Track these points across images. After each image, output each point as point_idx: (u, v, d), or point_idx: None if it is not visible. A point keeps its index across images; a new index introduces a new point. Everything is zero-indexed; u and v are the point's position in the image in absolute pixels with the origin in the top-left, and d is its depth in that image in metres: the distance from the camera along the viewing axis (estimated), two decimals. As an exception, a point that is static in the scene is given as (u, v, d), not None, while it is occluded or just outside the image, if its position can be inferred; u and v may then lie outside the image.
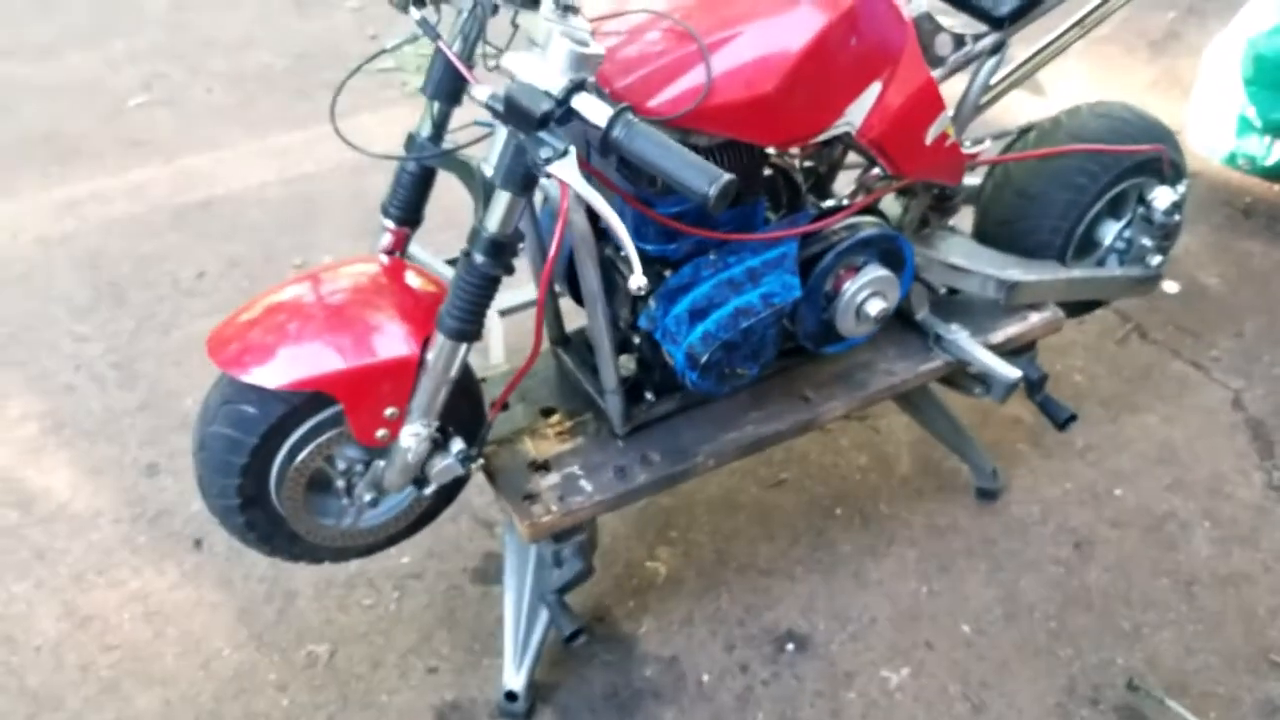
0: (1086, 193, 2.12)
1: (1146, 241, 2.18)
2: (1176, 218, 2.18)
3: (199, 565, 2.36)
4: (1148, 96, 3.89)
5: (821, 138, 1.60)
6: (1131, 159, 2.06)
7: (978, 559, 2.34)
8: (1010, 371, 1.91)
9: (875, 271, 1.78)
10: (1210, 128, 3.49)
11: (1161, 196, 2.13)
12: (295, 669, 2.15)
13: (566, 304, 2.01)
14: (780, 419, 1.88)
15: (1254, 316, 2.94)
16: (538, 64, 1.26)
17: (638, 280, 1.23)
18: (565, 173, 1.22)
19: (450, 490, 1.77)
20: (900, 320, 2.04)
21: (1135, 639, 2.17)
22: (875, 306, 1.79)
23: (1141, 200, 2.16)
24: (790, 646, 2.16)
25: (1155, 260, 2.21)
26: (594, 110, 1.22)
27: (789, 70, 1.47)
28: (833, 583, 2.30)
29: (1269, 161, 3.35)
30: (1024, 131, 2.28)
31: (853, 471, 2.55)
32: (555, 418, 1.88)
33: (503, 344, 2.01)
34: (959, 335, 1.96)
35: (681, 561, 2.35)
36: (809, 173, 1.89)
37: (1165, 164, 2.10)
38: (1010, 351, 2.09)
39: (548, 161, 1.22)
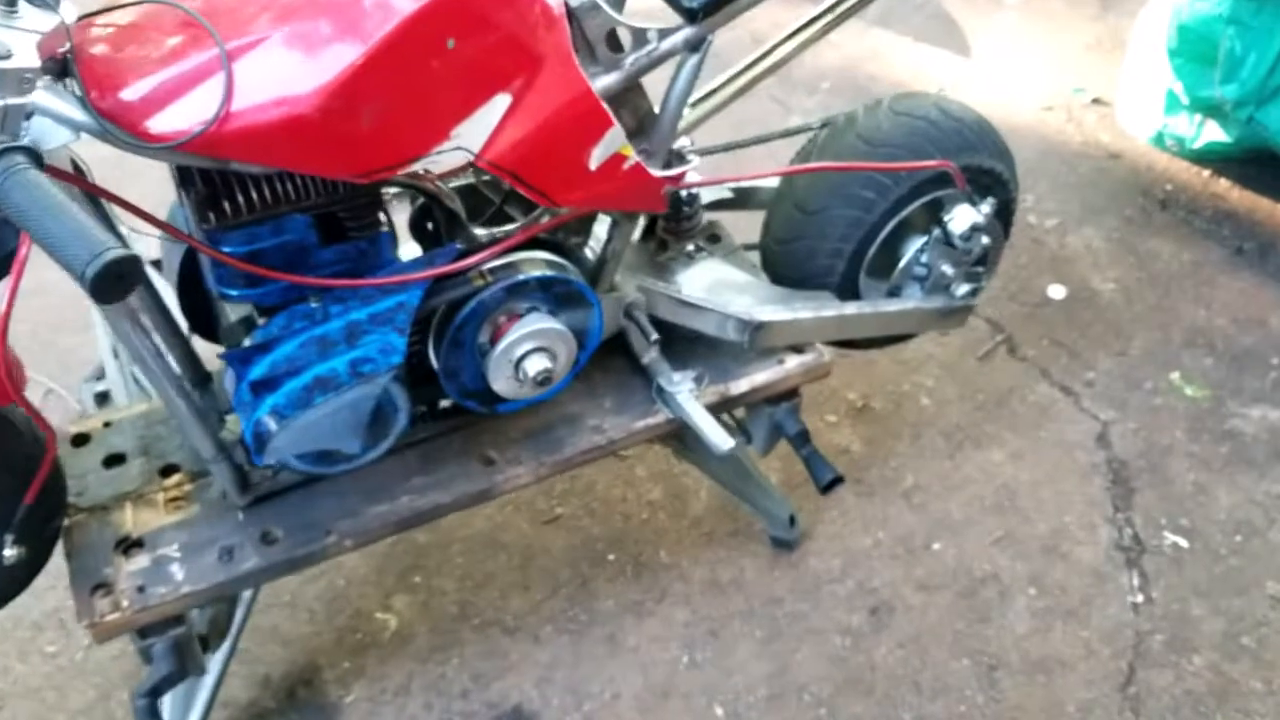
0: (874, 209, 1.75)
1: (947, 269, 1.81)
2: (984, 240, 1.80)
3: None
4: (1083, 59, 3.44)
5: (421, 165, 1.25)
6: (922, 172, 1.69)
7: (755, 623, 2.02)
8: (721, 442, 1.56)
9: (536, 323, 1.44)
10: (1138, 103, 3.06)
11: (960, 216, 1.76)
12: (-62, 734, 1.89)
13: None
14: (448, 488, 1.56)
15: (1145, 332, 2.55)
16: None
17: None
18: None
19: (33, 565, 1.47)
20: (630, 361, 1.69)
21: (909, 738, 1.85)
22: (537, 365, 1.45)
23: (938, 219, 1.78)
24: (512, 727, 1.87)
25: (962, 290, 1.84)
26: None
27: (337, 85, 1.13)
28: (582, 647, 1.99)
29: (1197, 144, 2.92)
30: (823, 126, 1.91)
31: (640, 508, 2.22)
32: (176, 478, 1.57)
33: (124, 380, 1.69)
34: (681, 386, 1.62)
35: (418, 613, 2.05)
36: (473, 196, 1.53)
37: (957, 181, 1.72)
38: (768, 399, 1.74)
39: None
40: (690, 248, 1.73)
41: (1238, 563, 2.10)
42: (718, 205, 1.97)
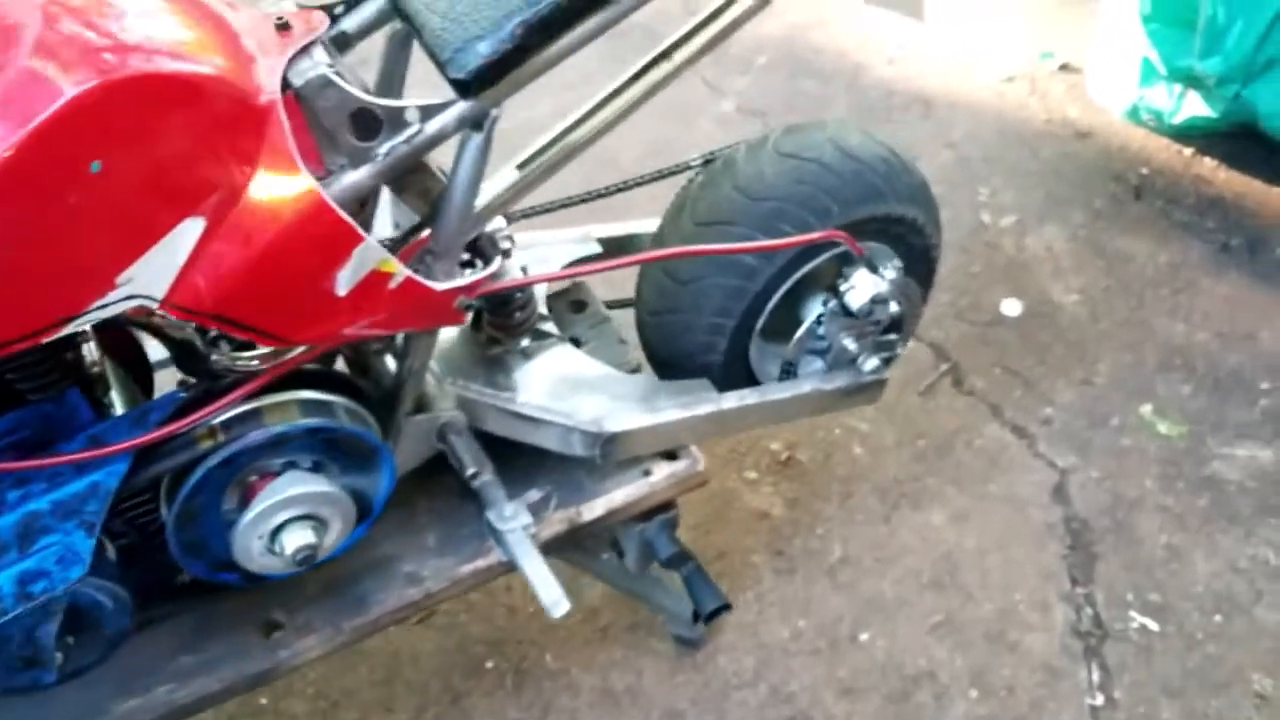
0: (757, 277, 1.43)
1: (849, 343, 1.48)
2: (893, 308, 1.47)
3: None
4: (1053, 17, 3.06)
5: (74, 326, 0.93)
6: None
7: (650, 745, 1.73)
8: (553, 603, 1.25)
9: (292, 486, 1.12)
10: (1111, 71, 2.68)
11: (859, 286, 1.42)
12: None
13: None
14: (217, 671, 1.26)
15: (1114, 354, 2.22)
16: None
17: None
18: None
19: None
20: (461, 484, 1.38)
21: None
22: (296, 540, 1.13)
23: (834, 287, 1.45)
24: None
25: (870, 364, 1.51)
26: None
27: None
28: (448, 783, 1.70)
29: (1177, 119, 2.56)
30: (706, 162, 1.58)
31: (527, 599, 1.92)
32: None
33: None
34: (514, 522, 1.30)
35: (261, 744, 1.76)
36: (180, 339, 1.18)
37: (852, 248, 1.38)
38: (640, 514, 1.43)
39: None
40: (525, 343, 1.40)
41: (1216, 650, 1.79)
42: (586, 260, 1.64)
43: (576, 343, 1.57)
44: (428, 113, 1.05)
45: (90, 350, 1.14)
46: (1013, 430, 2.12)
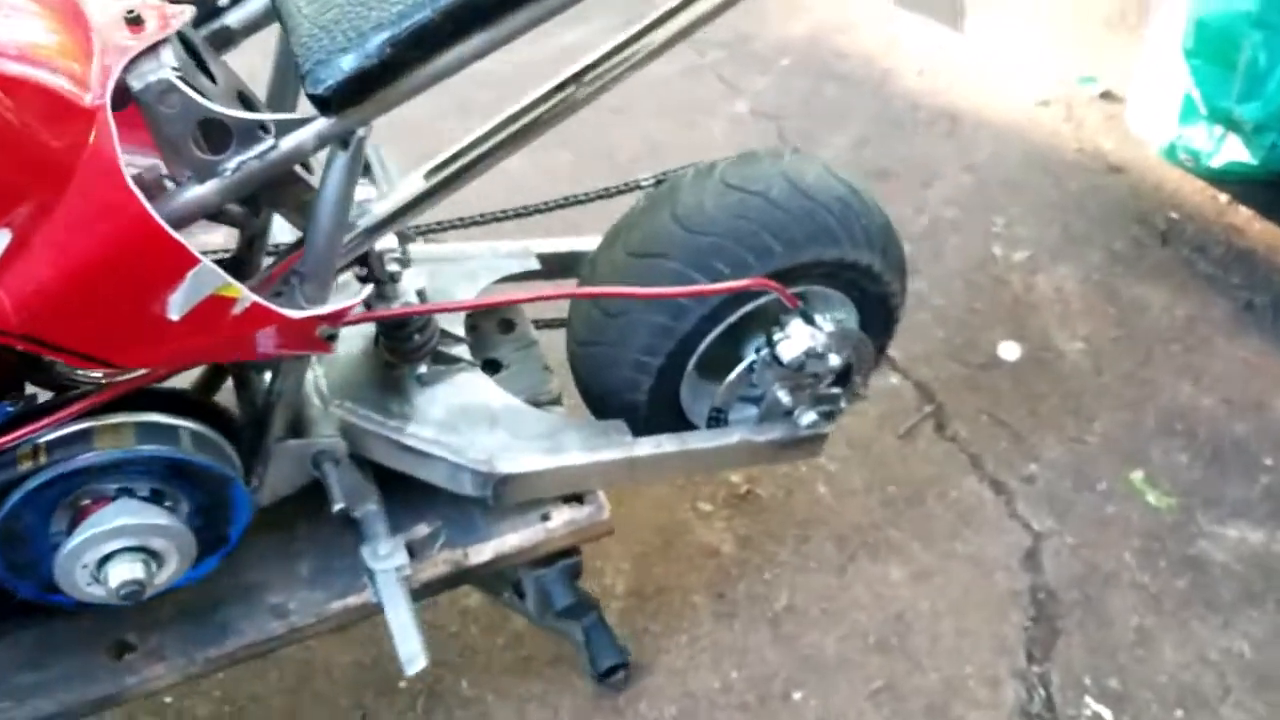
0: (686, 317, 1.32)
1: (782, 395, 1.36)
2: (831, 361, 1.35)
3: None
4: (1100, 39, 2.88)
5: None
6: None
7: (555, 793, 1.64)
8: (408, 659, 1.15)
9: (122, 516, 1.03)
10: (1152, 103, 2.51)
11: (795, 337, 1.31)
12: None
13: None
14: (56, 693, 1.19)
15: (1112, 411, 2.07)
16: None
17: None
18: None
19: None
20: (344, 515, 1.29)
21: None
22: (120, 574, 1.05)
23: (769, 335, 1.34)
24: None
25: (808, 419, 1.39)
26: None
27: None
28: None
29: (1215, 162, 2.38)
30: (657, 183, 1.47)
31: (451, 616, 1.84)
32: None
33: None
34: (388, 562, 1.21)
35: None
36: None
37: (785, 300, 1.26)
38: (539, 560, 1.33)
39: None
40: (423, 369, 1.30)
41: (1171, 750, 1.66)
42: (524, 276, 1.54)
43: (497, 365, 1.47)
44: (284, 128, 0.95)
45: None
46: (991, 485, 1.98)
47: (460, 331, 1.39)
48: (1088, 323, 2.22)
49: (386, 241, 1.16)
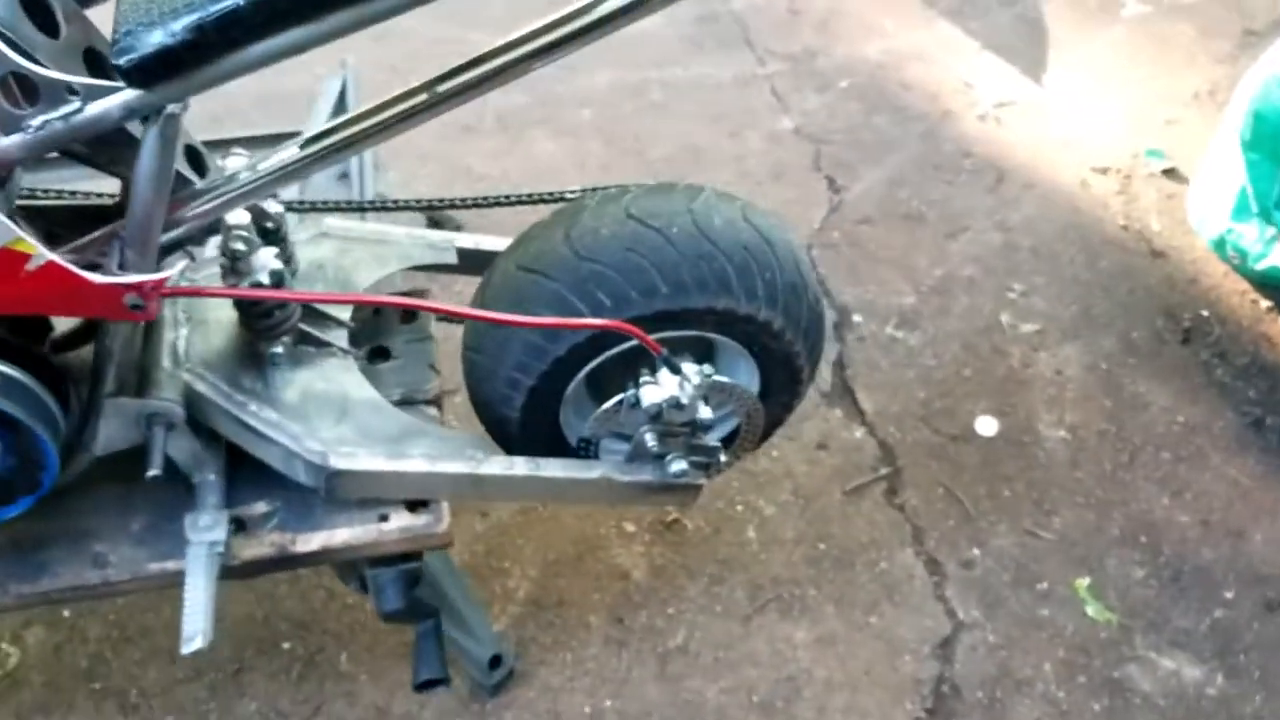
0: (561, 341, 1.28)
1: (649, 439, 1.32)
2: (701, 413, 1.29)
3: None
4: (1180, 112, 2.71)
5: None
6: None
7: (399, 784, 1.63)
8: (188, 636, 1.15)
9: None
10: (1211, 192, 2.35)
11: (661, 384, 1.26)
12: None
13: None
14: None
15: (1078, 510, 1.96)
16: None
17: None
18: None
19: None
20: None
21: None
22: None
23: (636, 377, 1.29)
24: None
25: (677, 467, 1.34)
26: None
27: None
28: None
29: (1261, 264, 2.23)
30: (591, 192, 1.44)
31: (350, 591, 1.83)
32: None
33: None
34: (204, 535, 1.21)
35: (44, 656, 1.78)
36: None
37: (648, 346, 1.21)
38: (372, 560, 1.32)
39: None
40: (279, 349, 1.29)
41: None
42: (439, 269, 1.52)
43: (386, 354, 1.45)
44: (93, 93, 0.94)
45: None
46: (927, 563, 1.89)
47: (344, 315, 1.37)
48: (1079, 412, 2.10)
49: (237, 217, 1.14)
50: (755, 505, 1.96)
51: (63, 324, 1.29)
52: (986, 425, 2.08)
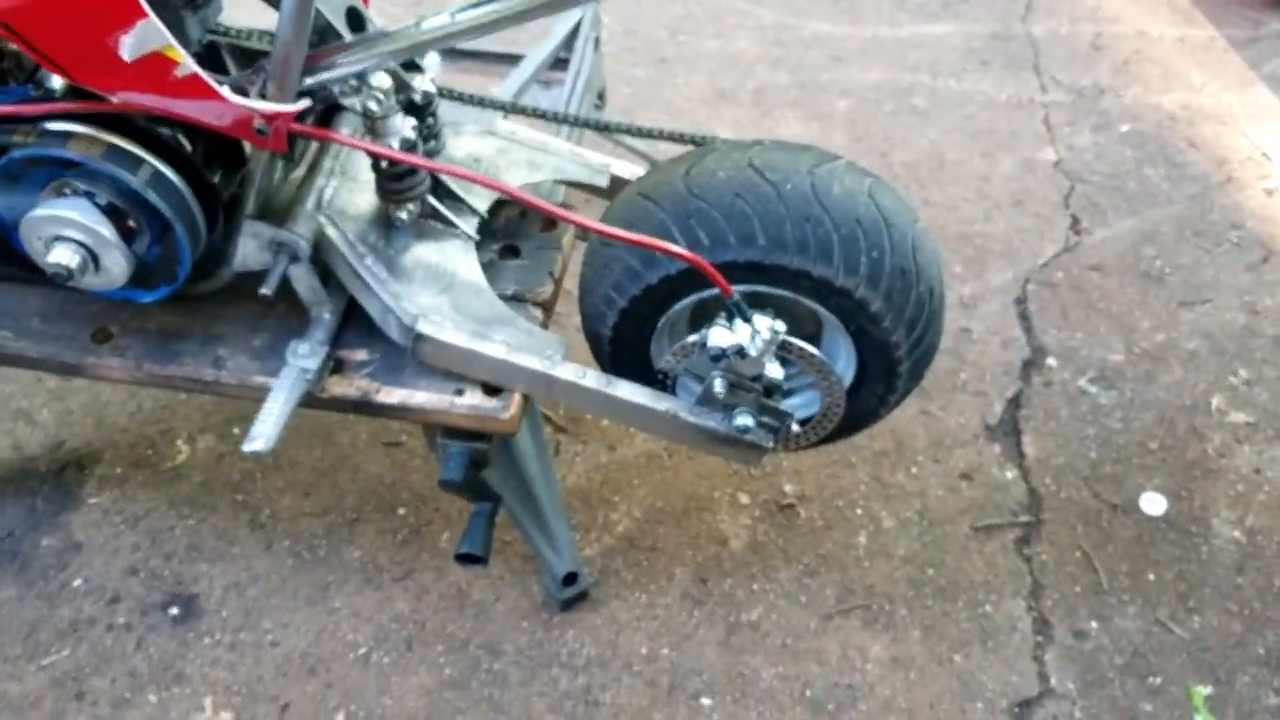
0: (655, 269, 1.34)
1: (718, 385, 1.33)
2: (769, 370, 1.30)
3: None
4: None
5: None
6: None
7: (454, 661, 1.74)
8: (253, 438, 1.28)
9: (68, 209, 1.24)
10: None
11: (723, 331, 1.27)
12: None
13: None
14: (42, 344, 1.45)
15: (1228, 617, 1.79)
16: None
17: None
18: None
19: None
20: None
21: None
22: (59, 256, 1.26)
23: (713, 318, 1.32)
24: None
25: (740, 421, 1.35)
26: None
27: None
28: (293, 580, 1.86)
29: None
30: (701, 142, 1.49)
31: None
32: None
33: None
34: (297, 363, 1.35)
35: (206, 461, 2.02)
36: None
37: (719, 285, 1.23)
38: (446, 429, 1.42)
39: None
40: (404, 215, 1.40)
41: None
42: (588, 188, 1.60)
43: (516, 252, 1.54)
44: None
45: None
46: (1036, 621, 1.78)
47: (480, 206, 1.47)
48: (1265, 517, 1.89)
49: (379, 80, 1.25)
50: (875, 514, 1.91)
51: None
52: (1154, 503, 1.92)
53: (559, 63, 2.08)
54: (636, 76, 2.84)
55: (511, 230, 1.55)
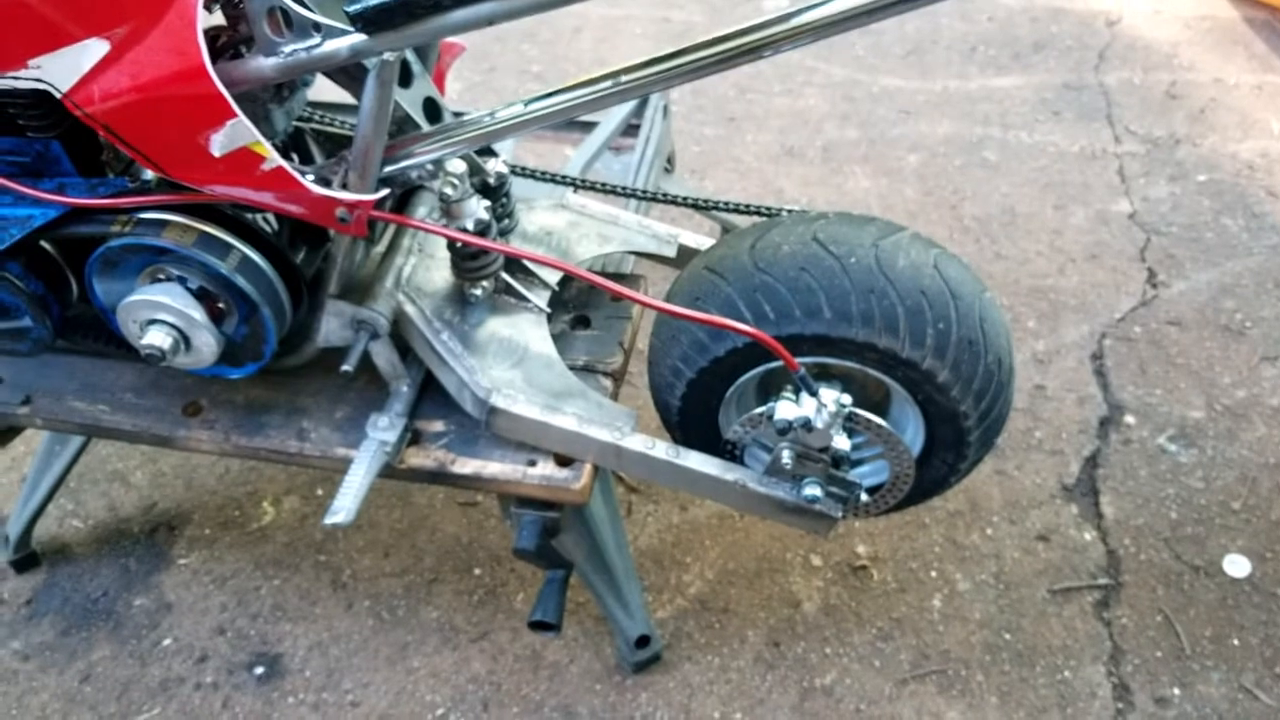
0: (721, 342, 1.36)
1: (785, 456, 1.35)
2: (837, 442, 1.31)
3: None
4: None
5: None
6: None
7: (528, 722, 1.77)
8: (334, 511, 1.33)
9: (162, 294, 1.30)
10: None
11: (790, 404, 1.29)
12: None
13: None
14: (138, 416, 1.52)
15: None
16: None
17: None
18: None
19: None
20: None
21: None
22: (152, 338, 1.32)
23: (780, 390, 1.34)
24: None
25: (808, 492, 1.37)
26: None
27: None
28: (374, 640, 1.89)
29: None
30: (775, 214, 1.52)
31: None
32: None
33: None
34: (376, 435, 1.40)
35: (291, 522, 2.07)
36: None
37: (784, 359, 1.25)
38: (519, 498, 1.46)
39: None
40: (478, 291, 1.44)
41: None
42: (657, 259, 1.63)
43: (586, 322, 1.58)
44: (330, 33, 1.13)
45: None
46: (1116, 687, 1.75)
47: (551, 279, 1.51)
48: (1358, 581, 1.84)
49: (454, 166, 1.30)
50: (950, 576, 1.90)
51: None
52: (1238, 565, 1.88)
53: (630, 129, 2.13)
54: (706, 135, 2.89)
55: (582, 301, 1.58)
